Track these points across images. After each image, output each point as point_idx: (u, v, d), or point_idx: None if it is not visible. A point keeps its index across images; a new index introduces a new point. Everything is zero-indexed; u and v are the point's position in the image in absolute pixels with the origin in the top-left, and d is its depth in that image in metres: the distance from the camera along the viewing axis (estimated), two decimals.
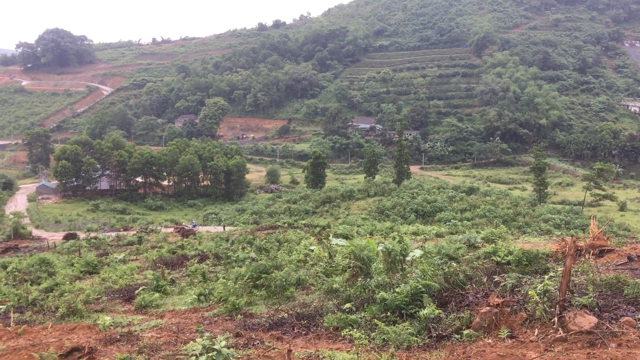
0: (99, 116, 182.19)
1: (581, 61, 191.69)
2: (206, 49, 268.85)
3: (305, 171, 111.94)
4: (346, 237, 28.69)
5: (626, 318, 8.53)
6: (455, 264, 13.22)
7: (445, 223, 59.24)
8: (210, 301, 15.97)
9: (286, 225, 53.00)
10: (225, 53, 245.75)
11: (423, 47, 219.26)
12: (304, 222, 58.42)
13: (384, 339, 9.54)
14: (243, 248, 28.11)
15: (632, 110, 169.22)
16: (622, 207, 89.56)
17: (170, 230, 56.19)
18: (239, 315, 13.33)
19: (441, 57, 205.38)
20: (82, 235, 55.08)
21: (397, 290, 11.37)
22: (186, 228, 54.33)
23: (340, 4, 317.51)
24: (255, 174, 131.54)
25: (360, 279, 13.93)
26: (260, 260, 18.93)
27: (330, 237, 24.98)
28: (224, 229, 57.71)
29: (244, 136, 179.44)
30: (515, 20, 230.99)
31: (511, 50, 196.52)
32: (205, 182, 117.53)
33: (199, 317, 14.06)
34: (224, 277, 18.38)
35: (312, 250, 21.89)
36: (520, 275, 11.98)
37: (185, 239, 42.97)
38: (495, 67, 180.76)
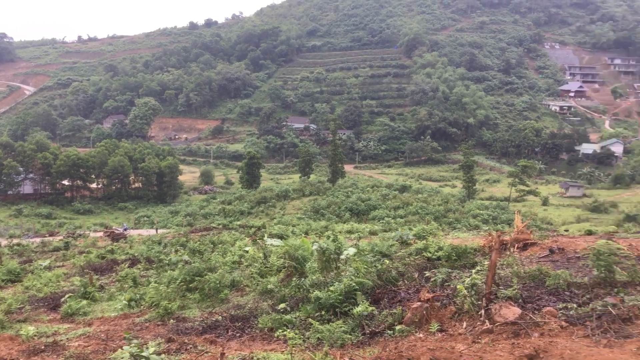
0: (21, 117, 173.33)
1: (505, 62, 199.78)
2: (135, 47, 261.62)
3: (240, 171, 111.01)
4: (281, 237, 28.60)
5: (548, 308, 8.93)
6: (387, 261, 13.42)
7: (379, 221, 60.12)
8: (142, 306, 15.53)
9: (221, 226, 52.33)
10: (155, 52, 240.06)
11: (355, 47, 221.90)
12: (239, 223, 57.87)
13: (318, 337, 9.57)
14: (176, 251, 27.55)
15: (553, 109, 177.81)
16: (545, 202, 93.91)
17: (100, 234, 54.20)
18: (172, 320, 13.04)
19: (373, 58, 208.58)
20: (3, 242, 52.27)
21: (332, 288, 11.44)
22: (116, 232, 52.53)
23: (272, 3, 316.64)
24: (189, 175, 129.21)
25: (295, 279, 13.92)
26: (194, 262, 18.60)
27: (265, 238, 24.84)
28: (157, 231, 56.29)
29: (177, 137, 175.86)
30: (443, 22, 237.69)
31: (440, 51, 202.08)
32: (136, 185, 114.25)
33: (129, 323, 13.64)
34: (155, 281, 17.93)
35: (247, 251, 21.67)
36: (450, 270, 12.29)
37: (115, 243, 41.59)
38: (425, 68, 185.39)
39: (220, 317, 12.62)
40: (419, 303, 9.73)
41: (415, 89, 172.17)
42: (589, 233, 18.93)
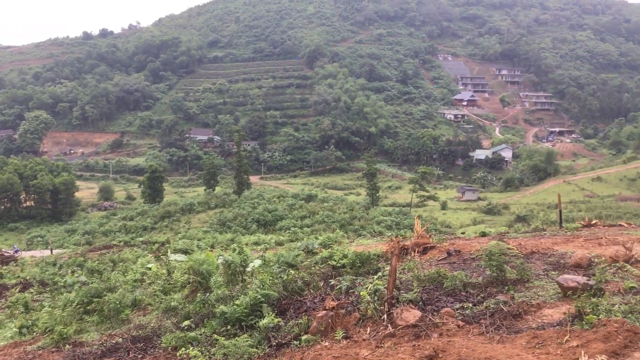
0: None
1: (402, 73, 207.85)
2: (24, 58, 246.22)
3: (142, 186, 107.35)
4: (186, 252, 27.92)
5: (446, 309, 9.29)
6: (293, 271, 13.45)
7: (286, 231, 60.25)
8: (35, 333, 14.56)
9: (122, 243, 50.35)
10: (46, 63, 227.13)
11: (257, 58, 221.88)
12: (141, 239, 55.92)
13: (224, 353, 9.39)
14: (73, 272, 26.14)
15: (448, 117, 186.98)
16: (444, 206, 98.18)
17: None
18: (67, 346, 12.30)
19: (275, 69, 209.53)
20: None
21: (237, 302, 11.27)
22: (6, 254, 49.02)
23: (171, 14, 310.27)
24: (87, 192, 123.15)
25: (199, 294, 13.60)
26: (92, 283, 17.72)
27: (169, 253, 24.16)
28: (52, 252, 53.14)
29: (72, 152, 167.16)
30: (343, 34, 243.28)
31: (340, 62, 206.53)
32: (28, 203, 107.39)
33: (20, 352, 12.73)
34: (50, 306, 16.88)
35: (150, 269, 20.96)
36: (354, 277, 12.49)
37: (4, 267, 38.82)
38: (327, 79, 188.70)
39: (120, 339, 12.06)
40: (324, 311, 9.81)
41: (318, 99, 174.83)
42: (483, 234, 19.98)
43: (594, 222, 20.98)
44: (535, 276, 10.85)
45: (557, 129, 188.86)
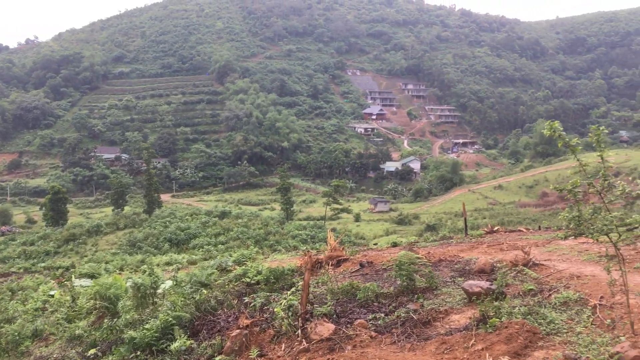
0: None
1: (313, 88, 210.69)
2: None
3: (44, 208, 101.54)
4: (92, 277, 26.65)
5: (359, 321, 9.42)
6: (206, 291, 13.16)
7: (200, 249, 59.07)
8: None
9: (22, 270, 47.32)
10: None
11: (166, 74, 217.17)
12: (43, 265, 52.87)
13: None
14: None
15: (358, 131, 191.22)
16: (357, 218, 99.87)
17: None
18: None
19: (185, 84, 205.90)
20: None
21: (147, 326, 10.88)
22: None
23: (72, 28, 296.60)
24: None
25: (106, 320, 13.01)
26: None
27: (74, 279, 22.97)
28: None
29: None
30: (253, 49, 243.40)
31: (251, 77, 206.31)
32: None
33: None
34: None
35: (52, 296, 19.83)
36: (269, 294, 12.42)
37: None
38: (238, 94, 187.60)
39: None
40: (238, 330, 9.67)
41: (229, 115, 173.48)
42: (395, 245, 20.51)
43: (496, 228, 22.08)
44: (443, 283, 11.24)
45: (461, 141, 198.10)
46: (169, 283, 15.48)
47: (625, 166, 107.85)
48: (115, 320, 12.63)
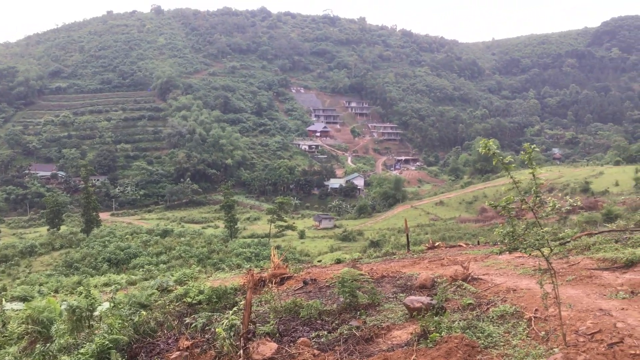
0: None
1: (257, 105, 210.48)
2: None
3: None
4: (25, 300, 25.46)
5: (302, 339, 9.36)
6: (145, 312, 12.80)
7: (140, 269, 57.51)
8: None
9: None
10: None
11: (105, 90, 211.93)
12: None
13: None
14: None
15: (303, 148, 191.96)
16: (302, 235, 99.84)
17: None
18: None
19: (126, 100, 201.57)
20: None
21: (82, 351, 10.44)
22: None
23: (6, 42, 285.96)
24: None
25: (39, 345, 12.42)
26: None
27: (4, 302, 21.85)
28: None
29: None
30: (196, 66, 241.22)
31: (194, 94, 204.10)
32: None
33: None
34: None
35: None
36: (211, 314, 12.18)
37: None
38: (181, 111, 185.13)
39: None
40: (177, 352, 9.43)
41: (172, 131, 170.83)
42: (338, 261, 20.61)
43: (437, 244, 22.55)
44: (385, 299, 11.34)
45: (403, 158, 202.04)
46: (106, 305, 14.98)
47: (558, 182, 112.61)
48: (48, 345, 12.07)
